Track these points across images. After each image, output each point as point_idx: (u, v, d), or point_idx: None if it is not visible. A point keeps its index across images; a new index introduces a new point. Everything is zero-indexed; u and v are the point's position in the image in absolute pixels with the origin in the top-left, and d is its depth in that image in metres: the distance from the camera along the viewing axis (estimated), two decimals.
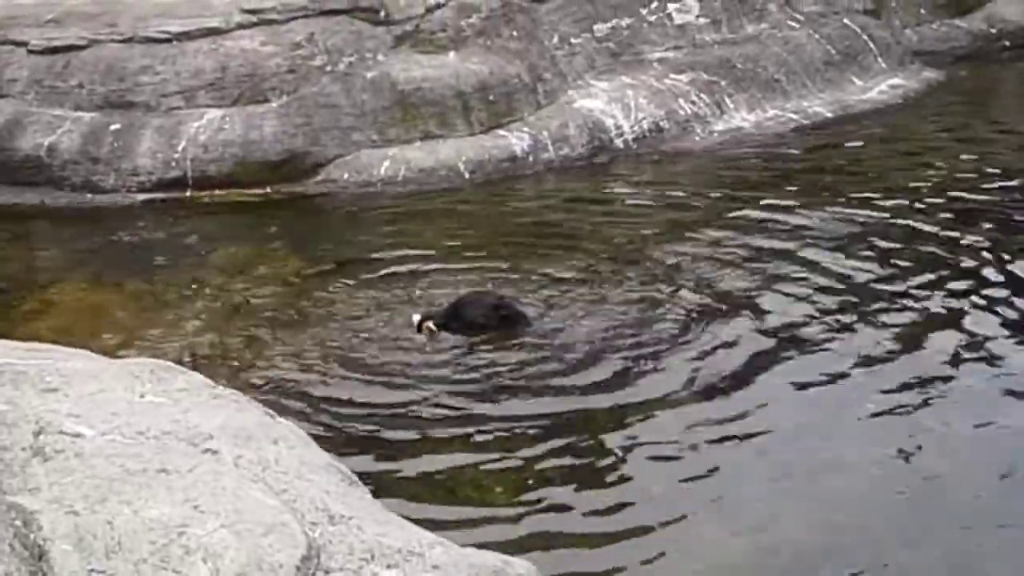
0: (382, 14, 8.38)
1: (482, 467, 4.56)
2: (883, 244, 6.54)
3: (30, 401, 2.69)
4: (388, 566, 2.31)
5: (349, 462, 2.95)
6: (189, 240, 7.21)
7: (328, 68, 8.14)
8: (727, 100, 8.99)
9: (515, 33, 8.70)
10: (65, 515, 2.23)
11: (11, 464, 2.40)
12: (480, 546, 2.54)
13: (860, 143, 8.54)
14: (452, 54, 8.39)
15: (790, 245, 6.57)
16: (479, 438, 4.76)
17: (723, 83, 9.06)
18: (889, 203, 7.19)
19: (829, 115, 9.12)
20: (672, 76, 8.99)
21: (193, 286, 6.36)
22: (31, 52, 8.21)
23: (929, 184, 7.52)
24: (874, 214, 7.01)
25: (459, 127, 8.19)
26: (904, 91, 9.61)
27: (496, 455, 4.64)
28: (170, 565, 2.16)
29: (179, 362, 3.93)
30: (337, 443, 4.40)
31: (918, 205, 7.14)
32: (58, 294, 6.26)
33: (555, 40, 8.92)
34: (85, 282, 6.46)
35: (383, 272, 6.47)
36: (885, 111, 9.25)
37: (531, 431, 4.79)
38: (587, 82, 8.84)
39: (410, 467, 4.58)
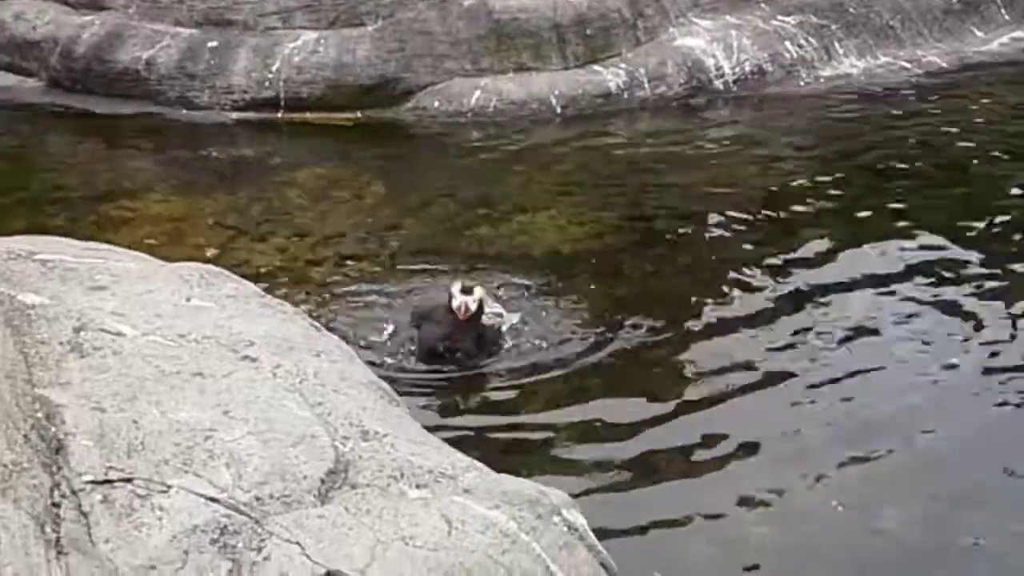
0: None
1: (547, 408, 4.48)
2: (994, 204, 6.21)
3: (76, 298, 2.66)
4: (417, 486, 2.24)
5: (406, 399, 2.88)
6: (276, 160, 7.22)
7: None
8: (836, 45, 8.61)
9: None
10: (91, 411, 2.20)
11: (46, 358, 2.37)
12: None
13: (976, 96, 8.11)
14: None
15: (890, 202, 6.28)
16: (543, 377, 4.68)
17: (834, 27, 8.67)
18: (1005, 162, 6.82)
19: (945, 66, 8.67)
20: (779, 17, 8.63)
21: (275, 204, 6.37)
22: None
23: None
24: (987, 174, 6.66)
25: (554, 60, 8.00)
26: None
27: (561, 391, 4.55)
28: (192, 468, 2.12)
29: (249, 276, 3.89)
30: (391, 374, 4.33)
31: None
32: (144, 204, 6.33)
33: None
34: (171, 193, 6.51)
35: (464, 205, 6.38)
36: (1005, 65, 8.75)
37: (597, 374, 4.69)
38: (689, 20, 8.53)
39: (472, 403, 4.53)
